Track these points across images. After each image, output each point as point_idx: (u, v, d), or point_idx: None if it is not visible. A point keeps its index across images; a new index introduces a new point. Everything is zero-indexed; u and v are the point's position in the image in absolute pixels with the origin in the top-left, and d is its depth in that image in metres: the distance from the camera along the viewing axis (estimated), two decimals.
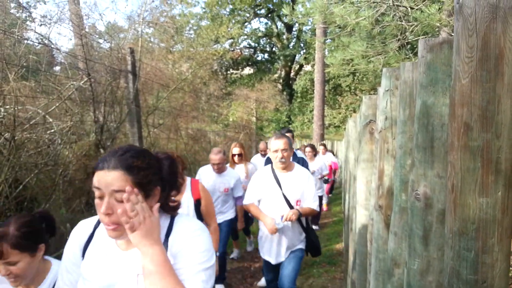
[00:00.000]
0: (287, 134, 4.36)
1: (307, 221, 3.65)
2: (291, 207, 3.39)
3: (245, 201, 3.66)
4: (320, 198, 7.76)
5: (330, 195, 11.33)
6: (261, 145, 6.72)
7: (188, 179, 3.33)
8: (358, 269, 2.68)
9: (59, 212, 4.54)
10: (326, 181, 8.43)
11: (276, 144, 3.43)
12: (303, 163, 4.57)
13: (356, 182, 2.93)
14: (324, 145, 10.95)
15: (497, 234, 0.98)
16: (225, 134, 12.62)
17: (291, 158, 3.66)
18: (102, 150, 5.51)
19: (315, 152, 8.27)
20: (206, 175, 4.68)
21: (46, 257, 1.87)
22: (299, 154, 5.15)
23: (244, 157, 5.82)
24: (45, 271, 1.83)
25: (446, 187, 1.13)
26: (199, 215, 3.27)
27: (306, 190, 3.48)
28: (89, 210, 5.26)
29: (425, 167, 1.25)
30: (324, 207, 9.75)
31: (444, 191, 1.21)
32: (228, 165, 5.26)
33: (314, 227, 7.51)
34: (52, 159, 4.18)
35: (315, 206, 3.49)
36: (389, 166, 1.81)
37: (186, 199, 3.24)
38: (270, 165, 3.61)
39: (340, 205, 10.15)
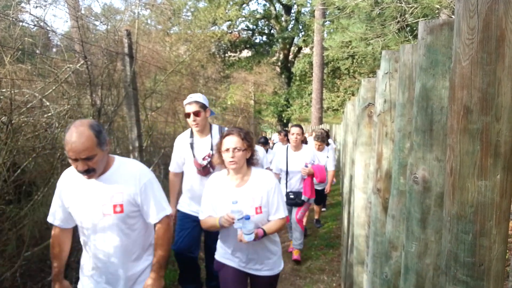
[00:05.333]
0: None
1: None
2: None
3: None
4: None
5: (324, 209, 8.16)
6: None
7: None
8: (356, 251, 2.70)
9: None
10: (300, 203, 5.04)
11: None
12: None
13: (354, 165, 2.93)
14: (321, 139, 6.32)
15: (495, 217, 0.98)
16: (223, 118, 12.58)
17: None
18: None
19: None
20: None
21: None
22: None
23: None
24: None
25: (444, 170, 1.13)
26: None
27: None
28: None
29: (424, 150, 1.25)
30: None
31: (442, 174, 1.21)
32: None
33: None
34: (50, 143, 4.15)
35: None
36: (388, 150, 1.81)
37: None
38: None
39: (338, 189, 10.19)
